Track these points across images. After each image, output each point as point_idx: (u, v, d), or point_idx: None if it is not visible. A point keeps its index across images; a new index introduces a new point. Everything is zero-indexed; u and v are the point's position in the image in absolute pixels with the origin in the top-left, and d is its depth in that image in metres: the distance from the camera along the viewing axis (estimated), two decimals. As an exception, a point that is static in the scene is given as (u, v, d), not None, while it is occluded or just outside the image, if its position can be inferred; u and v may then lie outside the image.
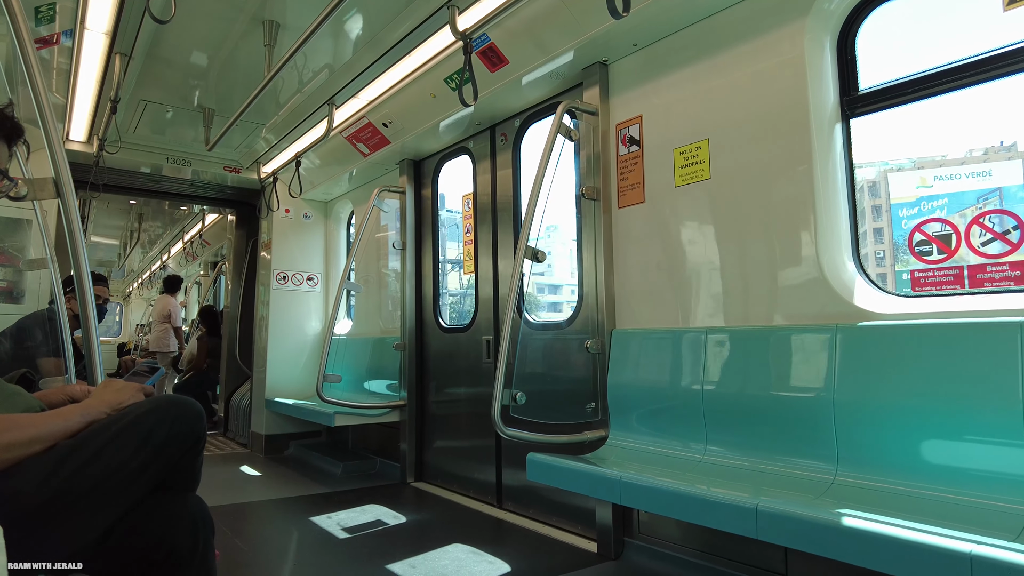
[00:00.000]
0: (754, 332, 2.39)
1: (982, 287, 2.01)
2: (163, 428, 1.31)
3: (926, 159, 2.78)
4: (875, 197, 3.06)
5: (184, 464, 1.38)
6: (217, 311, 7.61)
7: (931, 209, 2.32)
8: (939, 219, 2.15)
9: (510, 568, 2.67)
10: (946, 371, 1.87)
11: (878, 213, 3.09)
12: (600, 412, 2.89)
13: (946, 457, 1.84)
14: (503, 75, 3.26)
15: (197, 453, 1.43)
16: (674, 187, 2.73)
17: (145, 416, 1.31)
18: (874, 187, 3.06)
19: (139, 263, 13.04)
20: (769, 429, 2.26)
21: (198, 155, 5.51)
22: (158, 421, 1.31)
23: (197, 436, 1.40)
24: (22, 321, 3.50)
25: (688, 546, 2.58)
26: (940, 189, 2.38)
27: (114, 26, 3.20)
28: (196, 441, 1.40)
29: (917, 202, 2.37)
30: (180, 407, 1.37)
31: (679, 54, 2.75)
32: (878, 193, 3.03)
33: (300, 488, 4.22)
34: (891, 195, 2.62)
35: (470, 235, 4.13)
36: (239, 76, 4.20)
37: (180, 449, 1.35)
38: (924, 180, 2.43)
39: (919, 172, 2.53)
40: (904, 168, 2.80)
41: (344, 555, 2.84)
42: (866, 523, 1.56)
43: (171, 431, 1.32)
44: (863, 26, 2.32)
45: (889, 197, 2.67)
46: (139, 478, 1.27)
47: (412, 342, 4.44)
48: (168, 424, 1.32)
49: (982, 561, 1.31)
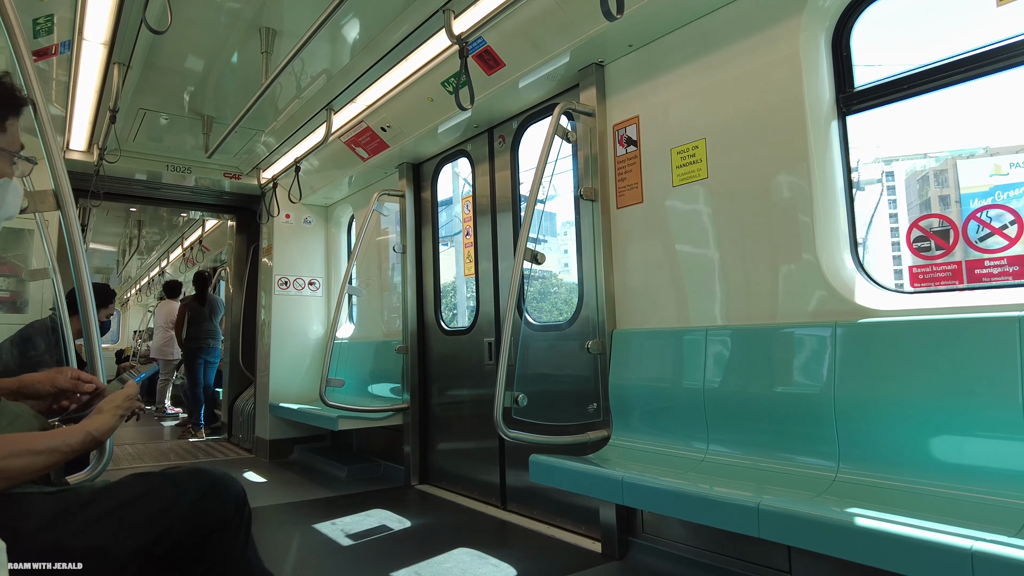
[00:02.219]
0: (754, 331, 2.40)
1: (980, 282, 2.01)
2: (180, 503, 1.19)
3: (1001, 147, 2.51)
4: (942, 186, 2.92)
5: (214, 548, 1.22)
6: (210, 276, 7.35)
7: (1007, 199, 2.14)
8: (937, 215, 2.14)
9: (516, 572, 2.67)
10: (946, 366, 1.87)
11: (945, 204, 2.93)
12: (602, 412, 2.90)
13: (947, 453, 1.84)
14: (500, 78, 3.27)
15: (227, 538, 1.24)
16: (672, 187, 2.73)
17: (163, 487, 1.20)
18: (941, 175, 2.92)
19: (137, 269, 13.06)
20: (771, 427, 2.26)
21: (197, 162, 5.53)
22: (177, 495, 1.19)
23: (223, 519, 1.24)
24: (24, 330, 3.51)
25: (693, 545, 2.58)
26: (1017, 177, 2.21)
27: (112, 36, 3.22)
28: (221, 524, 1.23)
29: (991, 191, 2.24)
30: (206, 483, 1.24)
31: (675, 54, 2.76)
32: (946, 182, 2.90)
33: (305, 493, 4.23)
34: (960, 184, 2.49)
35: (470, 237, 4.14)
36: (237, 83, 4.21)
37: (197, 529, 1.20)
38: (998, 167, 2.31)
39: (992, 159, 2.40)
40: (976, 155, 2.63)
41: (349, 563, 2.85)
42: (868, 520, 1.56)
43: (195, 508, 1.19)
44: (857, 23, 2.32)
45: (959, 186, 2.54)
46: (142, 553, 1.14)
47: (414, 345, 4.45)
48: (190, 500, 1.19)
49: (983, 557, 1.32)
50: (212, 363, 6.99)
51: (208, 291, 7.05)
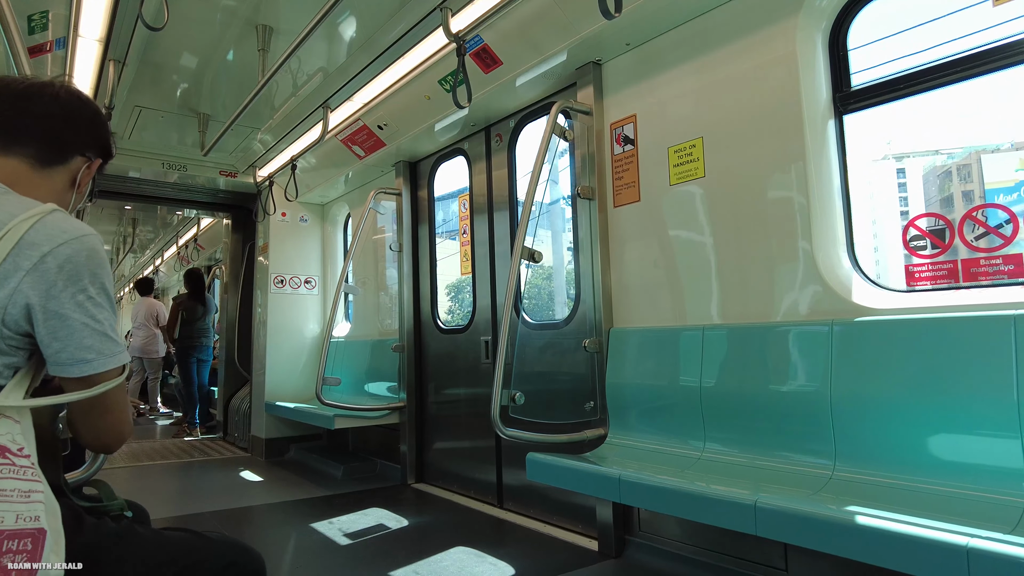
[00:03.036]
0: (751, 329, 2.40)
1: (976, 281, 2.02)
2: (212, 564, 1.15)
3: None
4: (966, 182, 2.87)
5: None
6: (203, 274, 7.33)
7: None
8: (933, 214, 2.15)
9: (513, 570, 2.67)
10: (941, 365, 1.88)
11: (969, 200, 2.85)
12: (599, 411, 2.90)
13: (942, 450, 1.85)
14: (497, 76, 3.26)
15: None
16: (669, 185, 2.74)
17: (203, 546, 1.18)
18: (964, 170, 2.86)
19: (130, 268, 13.00)
20: (767, 425, 2.27)
21: (193, 160, 5.50)
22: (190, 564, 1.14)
23: None
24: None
25: (689, 543, 2.59)
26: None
27: (107, 33, 3.20)
28: None
29: (1017, 186, 2.19)
30: (237, 549, 1.22)
31: (672, 53, 2.76)
32: (969, 177, 2.84)
33: (301, 492, 4.22)
34: (985, 179, 2.44)
35: (467, 236, 4.14)
36: (233, 81, 4.20)
37: None
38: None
39: (1018, 153, 2.31)
40: (1001, 149, 2.56)
41: (347, 562, 2.85)
42: (863, 518, 1.57)
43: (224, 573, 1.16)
44: (854, 22, 2.33)
45: (983, 181, 2.49)
46: None
47: (411, 343, 4.45)
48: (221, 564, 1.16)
49: (979, 554, 1.33)
50: (205, 361, 6.96)
51: (203, 285, 7.03)
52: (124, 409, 1.11)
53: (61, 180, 1.20)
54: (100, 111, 1.28)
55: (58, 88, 1.18)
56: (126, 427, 1.13)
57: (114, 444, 1.13)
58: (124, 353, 1.07)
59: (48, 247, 0.98)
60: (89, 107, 1.23)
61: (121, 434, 1.12)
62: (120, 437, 1.12)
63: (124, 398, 1.11)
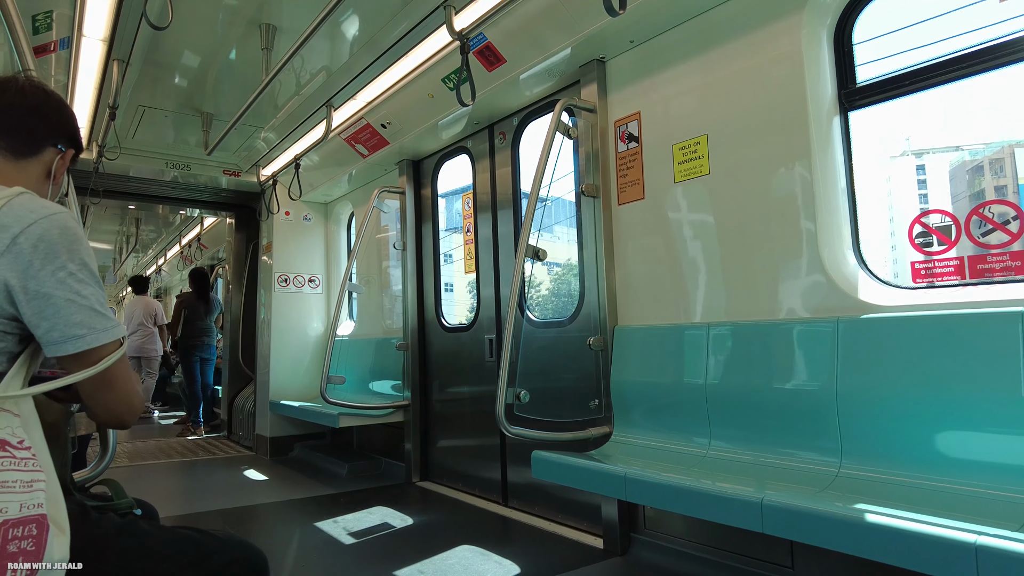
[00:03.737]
0: (756, 326, 2.40)
1: (983, 277, 2.01)
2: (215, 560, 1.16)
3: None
4: (998, 176, 2.79)
5: None
6: (208, 274, 7.30)
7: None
8: (939, 211, 2.15)
9: (519, 568, 2.67)
10: (948, 361, 1.87)
11: (1002, 194, 2.65)
12: (604, 409, 2.90)
13: (949, 447, 1.85)
14: (500, 74, 3.26)
15: None
16: (673, 183, 2.73)
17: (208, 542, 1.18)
18: (996, 165, 2.79)
19: (133, 268, 13.02)
20: (773, 423, 2.27)
21: (197, 159, 5.51)
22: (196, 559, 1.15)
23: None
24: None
25: (695, 541, 2.59)
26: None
27: (111, 32, 3.21)
28: None
29: None
30: (241, 547, 1.22)
31: (676, 50, 2.75)
32: (1001, 171, 2.77)
33: (306, 490, 4.23)
34: (1019, 173, 2.33)
35: (471, 234, 4.13)
36: (236, 80, 4.20)
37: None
38: None
39: None
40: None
41: (352, 561, 2.85)
42: (871, 515, 1.56)
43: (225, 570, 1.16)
44: (859, 19, 2.32)
45: (1016, 175, 2.41)
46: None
47: (415, 342, 4.45)
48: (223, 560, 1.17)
49: (988, 551, 1.32)
50: (209, 360, 6.97)
51: (207, 285, 7.03)
52: (129, 381, 1.11)
53: (35, 172, 1.22)
54: (65, 101, 1.29)
55: (22, 82, 1.20)
56: (135, 399, 1.13)
57: (127, 417, 1.13)
58: (119, 327, 1.07)
59: (19, 228, 0.99)
60: (54, 98, 1.25)
61: (132, 406, 1.13)
62: (132, 409, 1.13)
63: (127, 371, 1.11)
